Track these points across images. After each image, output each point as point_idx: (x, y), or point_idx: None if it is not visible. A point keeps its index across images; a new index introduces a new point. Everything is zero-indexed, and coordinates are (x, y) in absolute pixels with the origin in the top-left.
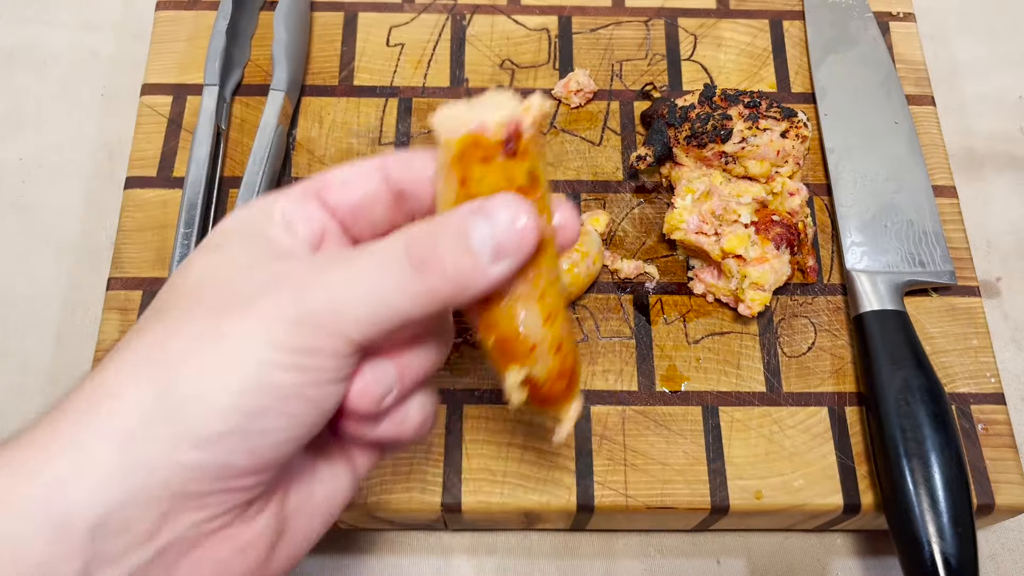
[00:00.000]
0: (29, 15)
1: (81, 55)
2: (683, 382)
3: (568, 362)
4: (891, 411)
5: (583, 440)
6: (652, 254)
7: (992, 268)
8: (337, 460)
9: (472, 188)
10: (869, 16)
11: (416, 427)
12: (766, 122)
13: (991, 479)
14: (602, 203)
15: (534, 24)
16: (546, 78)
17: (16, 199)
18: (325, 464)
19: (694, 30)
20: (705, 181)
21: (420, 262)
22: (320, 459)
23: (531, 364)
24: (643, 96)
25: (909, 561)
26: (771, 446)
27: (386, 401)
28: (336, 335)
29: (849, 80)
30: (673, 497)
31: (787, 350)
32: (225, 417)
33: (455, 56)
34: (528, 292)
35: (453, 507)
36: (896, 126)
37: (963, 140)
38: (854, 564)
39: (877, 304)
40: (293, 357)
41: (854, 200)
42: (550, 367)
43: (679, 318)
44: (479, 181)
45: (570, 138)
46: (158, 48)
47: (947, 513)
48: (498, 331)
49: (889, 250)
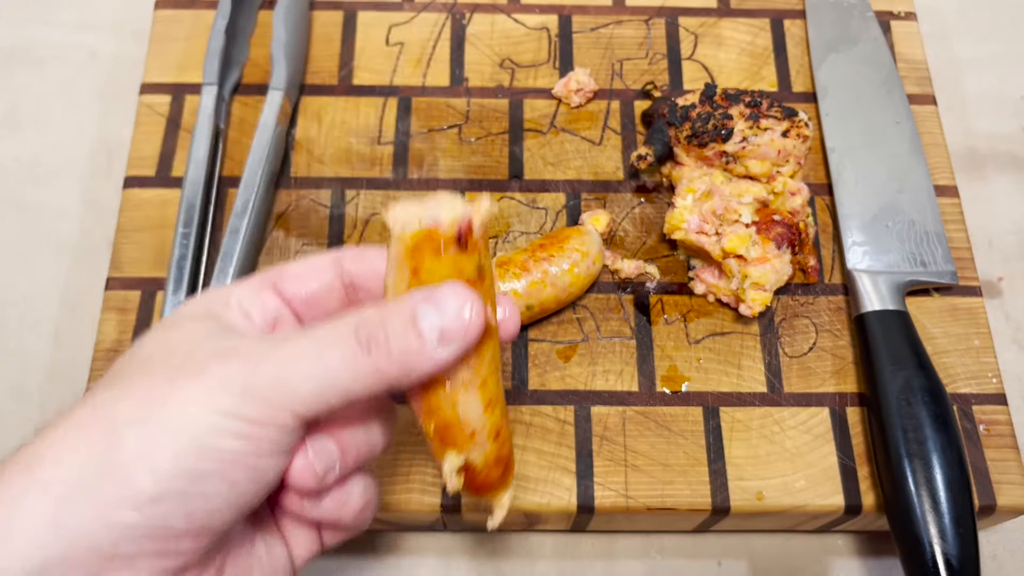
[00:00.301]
0: (28, 15)
1: (80, 55)
2: (684, 382)
3: (504, 450)
4: (892, 412)
5: (583, 441)
6: (653, 254)
7: (994, 268)
8: (277, 541)
9: (424, 278)
10: (870, 15)
11: (357, 511)
12: (767, 121)
13: (993, 480)
14: (603, 203)
15: (534, 23)
16: (546, 77)
17: (15, 199)
18: (264, 543)
19: (695, 29)
20: (706, 181)
21: (368, 342)
22: (259, 536)
23: (469, 450)
24: (644, 95)
25: (910, 562)
26: (772, 447)
27: (328, 478)
28: (282, 408)
29: (850, 79)
30: (674, 498)
31: (788, 350)
32: (167, 478)
33: (455, 55)
34: (470, 379)
35: (453, 508)
36: (897, 125)
37: (965, 139)
38: (855, 565)
39: (878, 304)
40: (238, 425)
41: (855, 200)
42: (487, 453)
43: (680, 318)
44: (430, 272)
45: (570, 138)
46: (157, 47)
47: (949, 514)
48: (439, 416)
49: (890, 250)
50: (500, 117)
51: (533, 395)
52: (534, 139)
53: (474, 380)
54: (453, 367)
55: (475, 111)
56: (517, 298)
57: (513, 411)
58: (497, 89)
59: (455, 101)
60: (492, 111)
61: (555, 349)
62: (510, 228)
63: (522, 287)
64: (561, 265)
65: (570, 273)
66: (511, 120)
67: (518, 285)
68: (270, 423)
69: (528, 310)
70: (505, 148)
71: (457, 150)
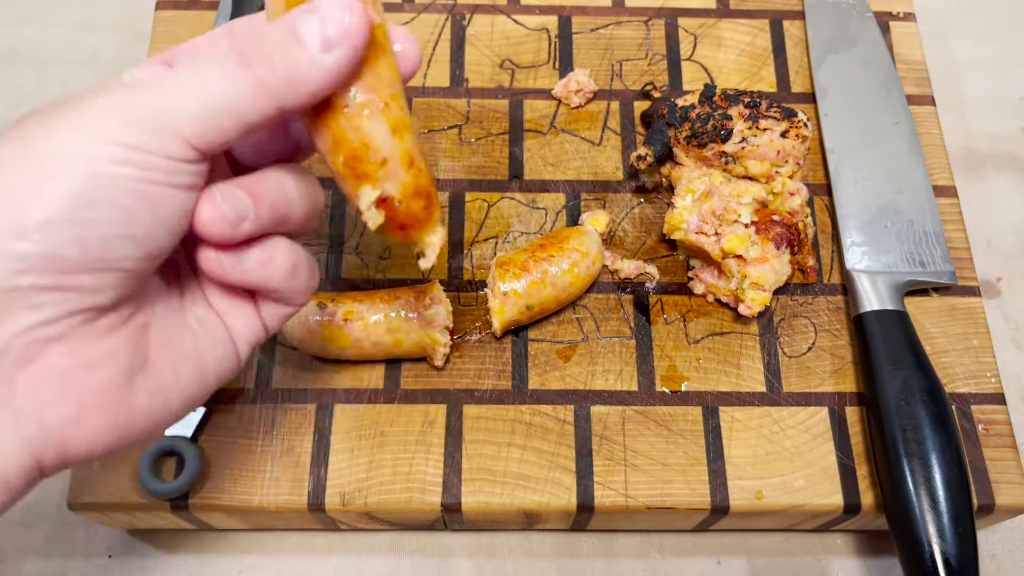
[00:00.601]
0: (29, 15)
1: (81, 55)
2: (683, 382)
3: (423, 181)
4: (891, 411)
5: (583, 440)
6: (652, 254)
7: (992, 268)
8: (210, 314)
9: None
10: (869, 16)
11: (285, 272)
12: (766, 122)
13: (991, 479)
14: (602, 203)
15: (534, 24)
16: (546, 78)
17: None
18: (194, 315)
19: (694, 30)
20: (705, 181)
21: (246, 55)
22: (187, 302)
23: (383, 181)
24: (643, 96)
25: (909, 561)
26: (771, 446)
27: (242, 227)
28: (166, 133)
29: (849, 80)
30: (673, 497)
31: (787, 350)
32: (50, 203)
33: (455, 56)
34: (369, 100)
35: (453, 507)
36: (896, 126)
37: (963, 140)
38: (854, 564)
39: (877, 304)
40: (123, 152)
41: (854, 200)
42: (404, 184)
43: (679, 318)
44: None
45: (570, 138)
46: (158, 48)
47: (947, 513)
48: (345, 147)
49: (889, 250)
50: (500, 118)
51: (533, 395)
52: (534, 139)
53: (374, 102)
54: (345, 85)
55: (475, 111)
56: (517, 298)
57: (513, 411)
58: (497, 90)
59: (455, 102)
60: (492, 111)
61: (555, 349)
62: (510, 228)
63: (522, 287)
64: (561, 265)
65: (570, 273)
66: (511, 120)
67: (518, 285)
68: (157, 151)
69: (528, 310)
70: (505, 148)
71: (457, 150)
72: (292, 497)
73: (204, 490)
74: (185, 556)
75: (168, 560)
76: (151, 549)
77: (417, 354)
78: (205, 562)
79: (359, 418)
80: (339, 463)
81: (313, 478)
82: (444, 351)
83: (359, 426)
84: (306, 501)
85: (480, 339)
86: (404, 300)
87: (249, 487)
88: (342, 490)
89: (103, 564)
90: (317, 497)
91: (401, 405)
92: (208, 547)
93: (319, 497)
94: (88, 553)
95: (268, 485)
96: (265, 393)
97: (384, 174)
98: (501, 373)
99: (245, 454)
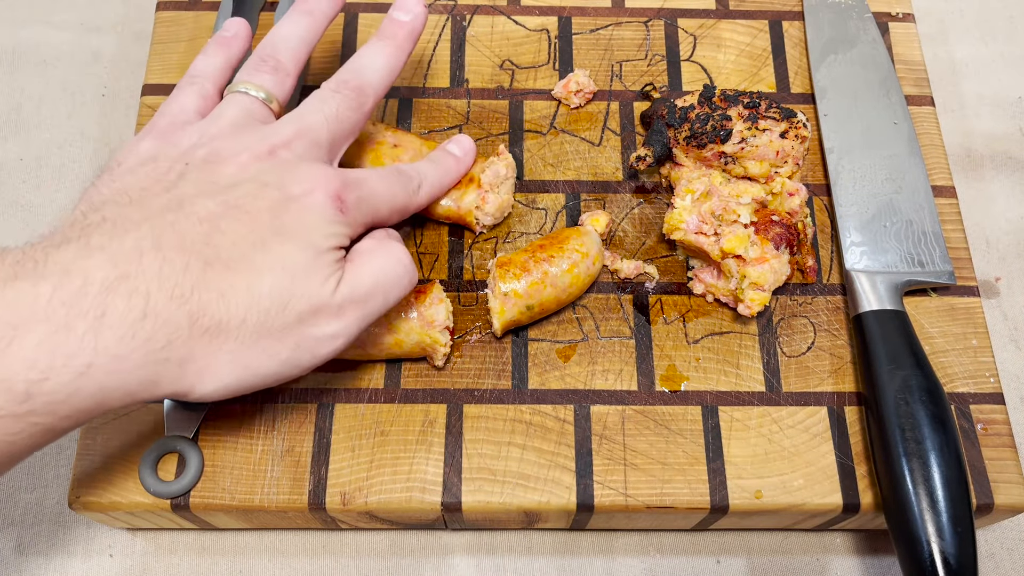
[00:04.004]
0: (31, 16)
1: (82, 55)
2: (683, 382)
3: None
4: (890, 411)
5: (583, 440)
6: (652, 254)
7: (991, 268)
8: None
9: None
10: (868, 16)
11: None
12: (765, 122)
13: (990, 479)
14: (602, 203)
15: (534, 24)
16: (546, 78)
17: (18, 199)
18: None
19: (694, 31)
20: (705, 181)
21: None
22: None
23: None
24: (643, 96)
25: (908, 560)
26: (770, 446)
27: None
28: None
29: (848, 80)
30: (673, 497)
31: (786, 350)
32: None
33: (455, 56)
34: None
35: (453, 507)
36: (895, 126)
37: (962, 140)
38: (853, 563)
39: (876, 304)
40: None
41: (853, 200)
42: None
43: (679, 318)
44: None
45: (570, 138)
46: (159, 48)
47: (946, 513)
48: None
49: (888, 250)
50: (500, 118)
51: (533, 394)
52: (534, 140)
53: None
54: None
55: (475, 112)
56: (517, 298)
57: (513, 410)
58: (497, 90)
59: (455, 102)
60: (492, 112)
61: (555, 349)
62: (510, 228)
63: (522, 287)
64: (561, 265)
65: (570, 273)
66: (511, 121)
67: (518, 285)
68: None
69: (528, 310)
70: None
71: None
72: (293, 496)
73: (205, 490)
74: (185, 556)
75: (169, 560)
76: (152, 549)
77: (417, 354)
78: (205, 562)
79: (359, 417)
80: (339, 463)
81: (314, 477)
82: (444, 351)
83: (359, 425)
84: (307, 500)
85: (480, 339)
86: (404, 300)
87: (250, 487)
88: (342, 489)
89: (103, 564)
90: (318, 496)
91: (401, 405)
92: (208, 547)
93: (320, 496)
94: (88, 553)
95: (269, 485)
96: (266, 393)
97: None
98: (501, 373)
99: (246, 454)
